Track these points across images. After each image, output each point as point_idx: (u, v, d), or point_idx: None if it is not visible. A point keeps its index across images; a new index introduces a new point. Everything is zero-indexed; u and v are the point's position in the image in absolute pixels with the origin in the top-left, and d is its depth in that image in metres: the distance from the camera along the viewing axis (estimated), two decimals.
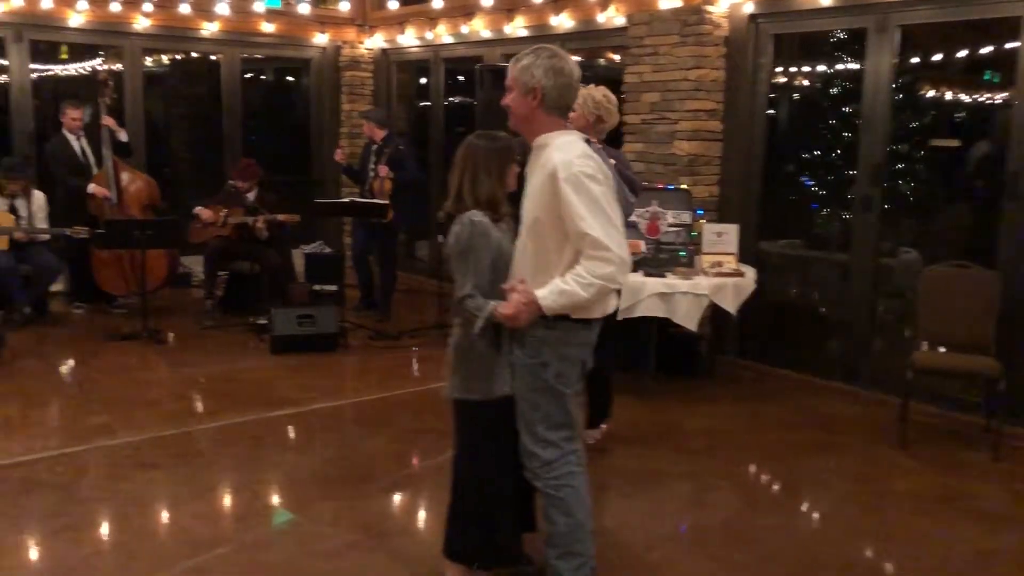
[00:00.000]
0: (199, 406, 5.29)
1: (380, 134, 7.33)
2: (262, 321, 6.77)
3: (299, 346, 6.26)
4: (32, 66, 8.02)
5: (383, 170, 7.02)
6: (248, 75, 9.59)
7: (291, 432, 4.90)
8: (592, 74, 8.10)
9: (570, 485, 2.93)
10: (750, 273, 5.61)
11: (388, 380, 5.83)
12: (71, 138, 7.22)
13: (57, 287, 7.39)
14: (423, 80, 10.17)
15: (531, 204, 2.85)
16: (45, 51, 8.61)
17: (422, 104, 10.13)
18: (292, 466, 4.39)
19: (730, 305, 5.33)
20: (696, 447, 4.79)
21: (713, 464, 4.53)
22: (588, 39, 7.42)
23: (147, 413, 5.04)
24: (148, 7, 8.24)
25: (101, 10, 8.02)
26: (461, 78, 9.37)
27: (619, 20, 6.84)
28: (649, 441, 4.81)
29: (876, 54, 5.50)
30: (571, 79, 2.84)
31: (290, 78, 10.83)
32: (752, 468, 4.56)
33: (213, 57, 9.20)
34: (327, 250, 8.19)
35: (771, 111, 6.33)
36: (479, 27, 8.19)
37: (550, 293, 2.74)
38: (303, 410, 5.17)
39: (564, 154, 2.74)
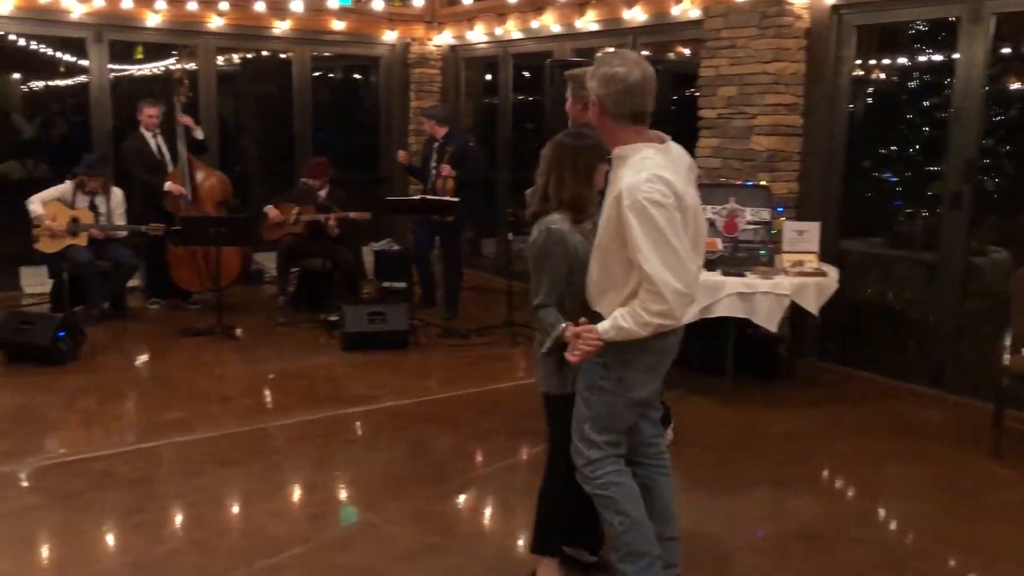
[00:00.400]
0: (272, 402, 5.33)
1: (441, 131, 7.28)
2: (333, 318, 6.80)
3: (370, 343, 6.26)
4: (110, 66, 8.20)
5: (445, 169, 6.99)
6: (316, 73, 9.66)
7: (363, 430, 4.90)
8: (663, 68, 7.97)
9: (617, 483, 2.88)
10: (832, 273, 5.43)
11: (458, 379, 5.79)
12: (148, 136, 7.34)
13: (133, 283, 7.53)
14: (489, 77, 10.17)
15: (601, 224, 2.77)
16: (121, 51, 8.79)
17: (488, 101, 10.13)
18: (365, 464, 4.38)
19: (812, 306, 5.15)
20: (775, 452, 4.64)
21: (793, 470, 4.38)
22: (661, 33, 7.28)
23: (222, 409, 5.08)
24: (224, 6, 8.35)
25: (177, 9, 8.15)
26: (527, 74, 9.30)
27: (694, 13, 6.69)
28: (727, 445, 4.68)
29: (969, 44, 5.26)
30: (626, 84, 2.70)
31: (358, 76, 10.90)
32: (834, 475, 4.40)
33: (283, 56, 9.29)
34: (396, 247, 8.20)
35: (851, 105, 6.12)
36: (549, 22, 8.10)
37: (611, 327, 2.69)
38: (374, 408, 5.16)
39: (633, 176, 2.63)
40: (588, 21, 7.71)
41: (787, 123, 6.01)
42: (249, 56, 10.23)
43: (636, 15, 7.23)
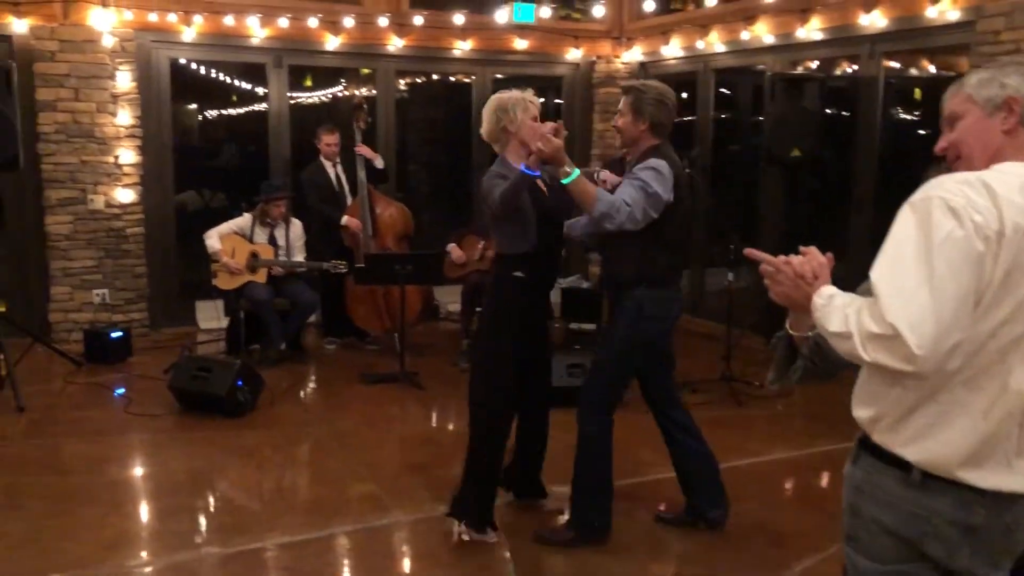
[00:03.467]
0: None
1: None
2: None
3: (571, 400, 5.46)
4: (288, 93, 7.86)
5: None
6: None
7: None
8: (897, 82, 6.90)
9: None
10: None
11: None
12: (327, 165, 6.89)
13: (310, 319, 7.08)
14: (683, 95, 9.32)
15: None
16: (293, 77, 8.47)
17: (678, 120, 9.27)
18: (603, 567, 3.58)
19: None
20: None
21: None
22: (907, 39, 6.20)
23: (416, 481, 4.41)
24: (406, 27, 7.86)
25: (359, 32, 7.71)
26: (725, 91, 8.40)
27: (952, 14, 5.62)
28: None
29: None
30: None
31: (540, 99, 10.27)
32: None
33: (456, 79, 8.75)
34: (585, 284, 7.43)
35: None
36: (761, 32, 7.17)
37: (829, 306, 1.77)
38: None
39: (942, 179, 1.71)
40: (812, 29, 6.73)
41: None
42: (418, 80, 9.80)
43: (875, 20, 6.20)
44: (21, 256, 6.97)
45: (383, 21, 7.72)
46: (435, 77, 9.73)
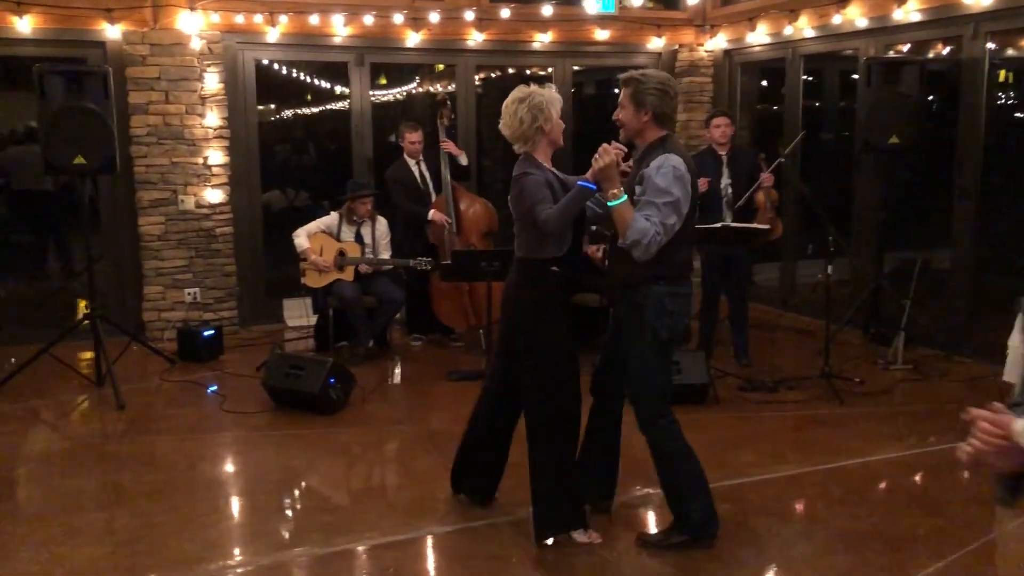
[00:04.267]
0: None
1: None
2: None
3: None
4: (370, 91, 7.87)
5: (767, 179, 6.00)
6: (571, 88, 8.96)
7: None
8: (1003, 63, 6.57)
9: None
10: None
11: (782, 450, 4.75)
12: (411, 163, 6.87)
13: (395, 316, 7.09)
14: (764, 83, 9.07)
15: None
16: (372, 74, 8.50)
17: (762, 109, 9.03)
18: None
19: None
20: None
21: None
22: (1014, 18, 5.89)
23: (508, 483, 4.31)
24: (489, 20, 7.79)
25: (441, 27, 7.68)
26: (809, 78, 8.14)
27: None
28: None
29: None
30: None
31: (616, 90, 10.12)
32: None
33: (532, 72, 8.65)
34: None
35: None
36: (855, 15, 6.90)
37: None
38: None
39: None
40: (910, 11, 6.45)
41: None
42: (494, 75, 9.73)
43: None
44: (116, 257, 7.14)
45: (469, 15, 7.67)
46: (511, 71, 9.66)
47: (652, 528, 3.84)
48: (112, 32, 6.78)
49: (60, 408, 5.56)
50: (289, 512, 4.12)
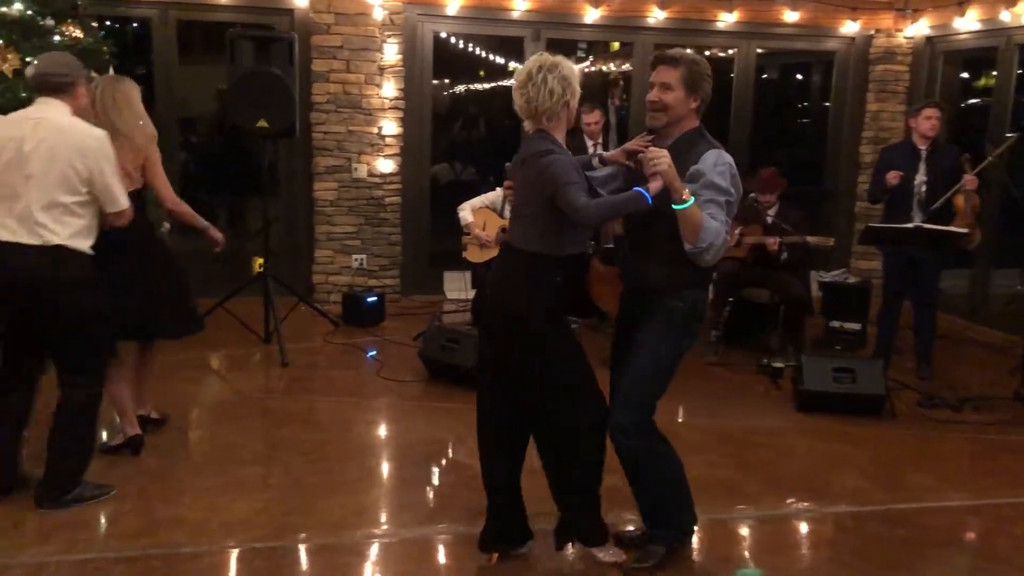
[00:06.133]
0: (727, 479, 4.24)
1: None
2: (778, 364, 5.67)
3: (832, 406, 5.01)
4: None
5: (971, 181, 5.46)
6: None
7: (857, 542, 3.68)
8: None
9: None
10: None
11: (960, 476, 4.34)
12: (590, 144, 6.72)
13: None
14: (965, 74, 8.34)
15: None
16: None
17: (965, 103, 8.32)
18: None
19: None
20: None
21: None
22: None
23: None
24: None
25: (620, 4, 7.47)
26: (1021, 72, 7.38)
27: None
28: None
29: None
30: None
31: (799, 76, 9.59)
32: None
33: (711, 53, 8.28)
34: (850, 279, 6.79)
35: None
36: None
37: None
38: (864, 510, 3.91)
39: None
40: None
41: None
42: None
43: None
44: (291, 220, 7.40)
45: None
46: (688, 52, 9.32)
47: None
48: (300, 0, 6.98)
49: (229, 361, 5.82)
50: (435, 485, 4.11)
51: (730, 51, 8.17)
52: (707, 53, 9.07)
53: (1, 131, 3.47)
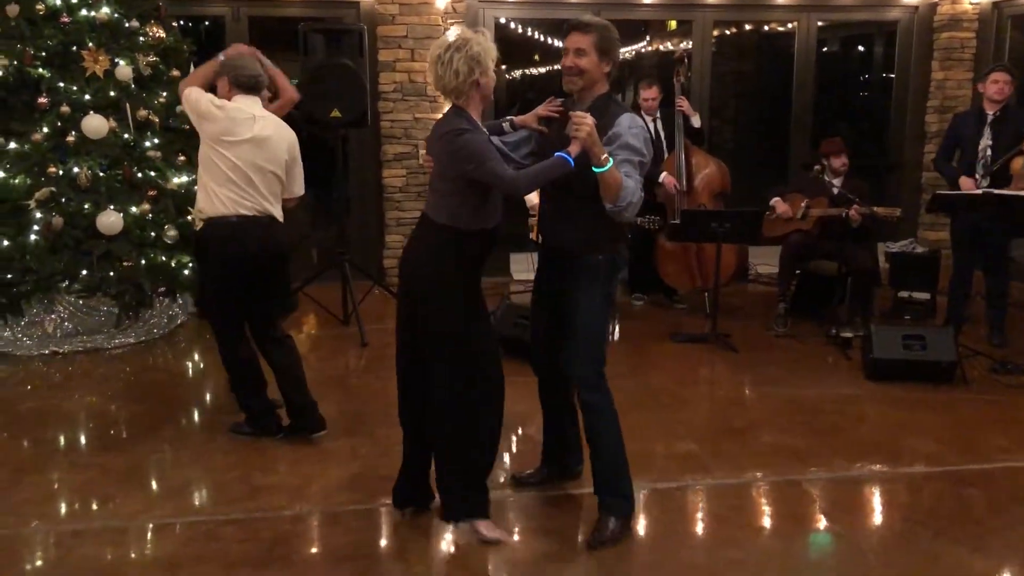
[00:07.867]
0: (798, 444, 4.33)
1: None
2: (847, 334, 5.71)
3: (903, 374, 5.05)
4: None
5: None
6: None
7: (939, 500, 3.75)
8: None
9: None
10: None
11: None
12: (647, 120, 6.81)
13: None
14: None
15: None
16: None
17: None
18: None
19: None
20: None
21: None
22: None
23: (737, 446, 4.26)
24: None
25: None
26: None
27: None
28: None
29: None
30: None
31: (860, 47, 9.51)
32: None
33: (770, 28, 8.28)
34: (918, 249, 6.77)
35: None
36: None
37: None
38: (934, 470, 3.98)
39: None
40: None
41: None
42: (728, 32, 9.40)
43: None
44: (362, 206, 7.63)
45: None
46: (747, 28, 9.30)
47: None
48: None
49: (312, 342, 6.07)
50: (506, 458, 4.24)
51: (789, 25, 8.17)
52: (766, 28, 9.15)
53: None
